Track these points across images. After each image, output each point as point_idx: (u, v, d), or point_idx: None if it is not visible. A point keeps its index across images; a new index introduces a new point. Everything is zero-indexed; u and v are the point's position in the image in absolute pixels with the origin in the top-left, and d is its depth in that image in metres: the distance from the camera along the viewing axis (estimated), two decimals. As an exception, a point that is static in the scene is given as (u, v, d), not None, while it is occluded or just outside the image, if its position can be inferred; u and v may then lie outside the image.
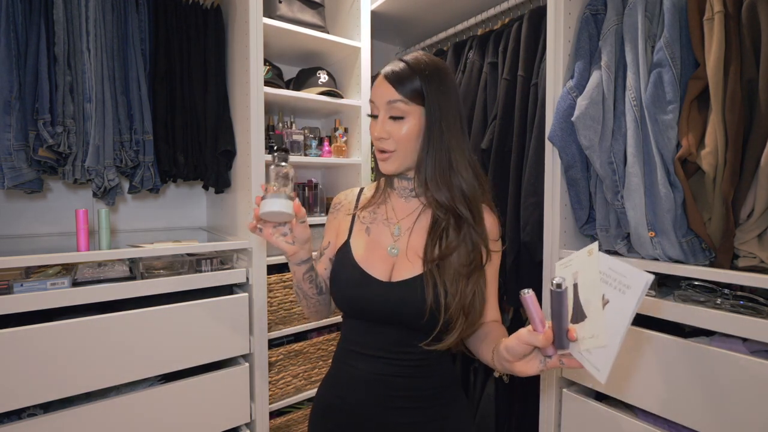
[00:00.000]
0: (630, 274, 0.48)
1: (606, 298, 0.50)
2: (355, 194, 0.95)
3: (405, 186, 0.86)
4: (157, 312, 1.22)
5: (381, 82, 0.78)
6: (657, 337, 0.96)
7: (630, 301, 0.47)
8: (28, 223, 1.46)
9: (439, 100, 0.77)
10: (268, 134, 1.62)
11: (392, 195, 0.89)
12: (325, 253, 0.92)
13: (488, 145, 1.48)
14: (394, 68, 0.78)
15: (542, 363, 0.59)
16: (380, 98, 0.78)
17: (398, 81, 0.76)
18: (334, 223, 0.93)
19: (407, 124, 0.77)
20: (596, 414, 1.08)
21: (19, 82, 1.19)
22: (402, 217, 0.85)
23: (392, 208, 0.87)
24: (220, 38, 1.58)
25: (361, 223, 0.87)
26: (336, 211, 0.94)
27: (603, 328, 0.49)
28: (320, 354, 1.66)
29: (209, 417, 1.34)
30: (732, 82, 0.87)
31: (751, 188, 0.87)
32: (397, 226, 0.84)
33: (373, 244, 0.83)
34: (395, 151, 0.78)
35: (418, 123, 0.77)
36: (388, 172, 0.81)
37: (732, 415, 0.85)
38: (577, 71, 1.12)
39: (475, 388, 1.60)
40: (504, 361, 0.63)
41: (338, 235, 0.90)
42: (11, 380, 1.03)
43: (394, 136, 0.77)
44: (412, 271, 0.78)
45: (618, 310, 0.48)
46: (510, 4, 1.53)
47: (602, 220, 1.12)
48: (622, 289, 0.48)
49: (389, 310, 0.77)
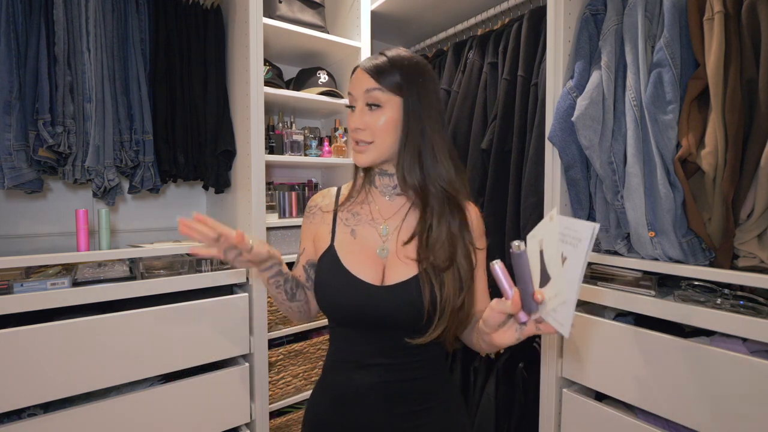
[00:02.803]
0: (579, 227, 0.50)
1: (564, 256, 0.52)
2: (332, 195, 0.90)
3: (387, 183, 0.83)
4: (157, 312, 1.22)
5: (359, 73, 0.78)
6: (657, 337, 0.96)
7: (581, 252, 0.49)
8: (28, 223, 1.46)
9: (419, 92, 0.76)
10: (268, 134, 1.62)
11: (374, 194, 0.85)
12: (300, 260, 0.89)
13: (488, 145, 1.48)
14: (374, 60, 0.77)
15: (518, 331, 0.60)
16: (358, 88, 0.77)
17: (376, 71, 0.75)
18: (311, 228, 0.88)
19: (384, 115, 0.76)
20: (596, 414, 1.08)
21: (19, 82, 1.19)
22: (388, 216, 0.83)
23: (377, 208, 0.84)
24: (220, 38, 1.58)
25: (345, 225, 0.83)
26: (312, 215, 0.89)
27: (563, 285, 0.52)
28: (320, 354, 1.66)
29: (209, 417, 1.34)
30: (732, 82, 0.87)
31: (751, 188, 0.87)
32: (384, 226, 0.81)
33: (361, 247, 0.80)
34: (372, 143, 0.77)
35: (395, 114, 0.76)
36: (364, 164, 0.79)
37: (732, 415, 0.85)
38: (577, 71, 1.12)
39: (475, 388, 1.60)
40: (483, 335, 0.64)
41: (316, 240, 0.86)
42: (11, 380, 1.03)
43: (371, 127, 0.76)
44: (407, 273, 0.76)
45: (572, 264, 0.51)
46: (510, 4, 1.53)
47: (602, 220, 1.12)
48: (574, 244, 0.50)
49: (385, 314, 0.74)
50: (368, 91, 0.76)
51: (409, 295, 0.74)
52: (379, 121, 0.76)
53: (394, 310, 0.74)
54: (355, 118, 0.77)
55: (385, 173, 0.83)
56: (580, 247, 0.49)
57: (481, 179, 1.51)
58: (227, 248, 0.70)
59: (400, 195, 0.84)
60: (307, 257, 0.87)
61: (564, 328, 0.51)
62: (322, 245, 0.83)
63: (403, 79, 0.75)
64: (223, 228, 0.69)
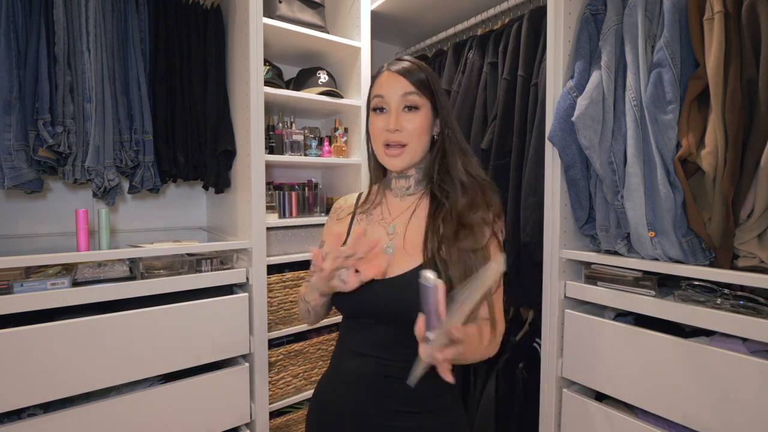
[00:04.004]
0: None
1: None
2: (353, 198, 0.96)
3: (403, 185, 0.86)
4: (157, 312, 1.22)
5: (392, 76, 0.79)
6: (657, 337, 0.96)
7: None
8: (28, 223, 1.46)
9: (442, 96, 0.81)
10: (268, 134, 1.62)
11: (388, 196, 0.89)
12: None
13: (488, 145, 1.48)
14: (402, 64, 0.80)
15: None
16: (392, 91, 0.78)
17: (410, 74, 0.78)
18: (333, 229, 0.93)
19: (420, 117, 0.78)
20: (596, 414, 1.08)
21: (19, 82, 1.19)
22: (397, 215, 0.86)
23: (387, 209, 0.88)
24: (220, 38, 1.58)
25: (359, 225, 0.88)
26: (336, 216, 0.95)
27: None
28: (320, 354, 1.66)
29: (209, 417, 1.34)
30: (732, 82, 0.87)
31: (751, 188, 0.87)
32: (391, 225, 0.84)
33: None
34: (407, 145, 0.79)
35: (428, 116, 0.79)
36: (399, 167, 0.81)
37: (732, 415, 0.85)
38: (577, 71, 1.12)
39: (475, 388, 1.60)
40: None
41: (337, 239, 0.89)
42: (11, 380, 1.03)
43: (408, 129, 0.78)
44: (410, 264, 0.77)
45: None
46: (510, 4, 1.53)
47: (602, 220, 1.12)
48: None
49: (382, 308, 0.76)
50: (407, 94, 0.78)
51: (407, 288, 0.74)
52: (414, 123, 0.78)
53: (390, 304, 0.76)
54: (392, 120, 0.78)
55: (403, 176, 0.86)
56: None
57: (481, 179, 1.51)
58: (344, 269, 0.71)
59: (412, 195, 0.86)
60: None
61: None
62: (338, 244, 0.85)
63: (431, 84, 0.79)
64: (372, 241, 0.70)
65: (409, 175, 0.85)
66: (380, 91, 0.80)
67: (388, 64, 0.81)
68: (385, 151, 0.80)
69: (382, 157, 0.81)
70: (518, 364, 1.46)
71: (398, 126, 0.78)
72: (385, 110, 0.80)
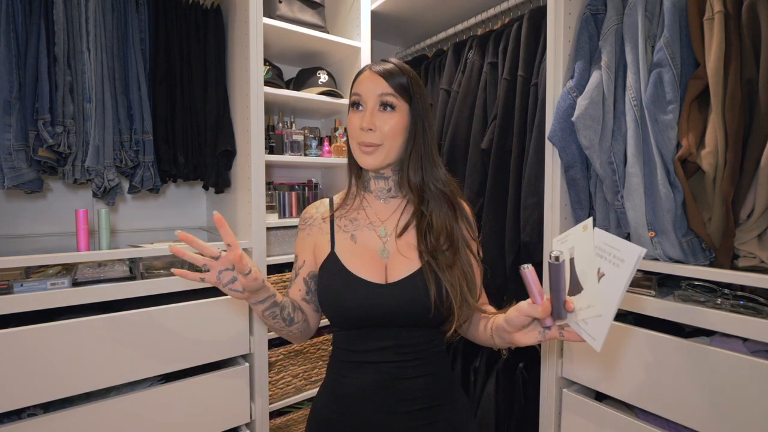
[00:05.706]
0: (624, 248, 0.51)
1: (601, 272, 0.53)
2: (326, 205, 0.90)
3: (382, 187, 0.86)
4: (156, 312, 1.22)
5: (371, 76, 0.79)
6: (657, 337, 0.96)
7: (624, 273, 0.50)
8: (28, 223, 1.46)
9: (422, 101, 0.81)
10: (268, 134, 1.62)
11: (369, 198, 0.87)
12: (300, 274, 0.87)
13: (488, 145, 1.48)
14: (384, 65, 0.80)
15: (541, 334, 0.61)
16: (369, 91, 0.78)
17: (390, 76, 0.78)
18: (308, 240, 0.87)
19: (395, 118, 0.78)
20: (596, 414, 1.08)
21: (19, 82, 1.19)
22: (385, 218, 0.85)
23: (373, 212, 0.86)
24: (220, 38, 1.58)
25: (344, 231, 0.84)
26: (308, 227, 0.88)
27: (599, 300, 0.53)
28: (320, 354, 1.66)
29: (209, 417, 1.34)
30: (732, 82, 0.87)
31: (751, 188, 0.87)
32: (382, 228, 0.83)
33: (362, 250, 0.81)
34: (381, 145, 0.78)
35: (404, 119, 0.79)
36: (371, 166, 0.80)
37: (732, 415, 0.85)
38: (577, 71, 1.12)
39: (475, 388, 1.60)
40: (503, 332, 0.66)
41: (316, 250, 0.85)
42: (11, 380, 1.03)
43: (382, 129, 0.78)
44: (409, 268, 0.78)
45: (613, 282, 0.51)
46: (510, 4, 1.53)
47: (602, 220, 1.12)
48: (616, 263, 0.51)
49: (393, 311, 0.75)
50: (383, 94, 0.78)
51: (415, 290, 0.75)
52: (388, 124, 0.78)
53: (400, 306, 0.75)
54: (366, 118, 0.78)
55: (381, 177, 0.86)
56: (623, 268, 0.50)
57: (481, 179, 1.51)
58: (222, 270, 0.72)
59: (395, 197, 0.86)
60: (309, 269, 0.87)
61: (597, 342, 0.53)
62: (322, 254, 0.84)
63: (411, 87, 0.80)
64: (233, 238, 0.70)
65: (386, 176, 0.85)
66: (359, 90, 0.80)
67: (371, 65, 0.82)
68: (360, 148, 0.80)
69: (357, 154, 0.81)
70: (518, 364, 1.46)
71: (371, 125, 0.77)
72: (361, 107, 0.80)
